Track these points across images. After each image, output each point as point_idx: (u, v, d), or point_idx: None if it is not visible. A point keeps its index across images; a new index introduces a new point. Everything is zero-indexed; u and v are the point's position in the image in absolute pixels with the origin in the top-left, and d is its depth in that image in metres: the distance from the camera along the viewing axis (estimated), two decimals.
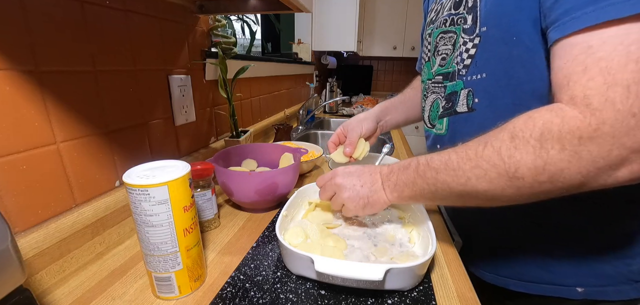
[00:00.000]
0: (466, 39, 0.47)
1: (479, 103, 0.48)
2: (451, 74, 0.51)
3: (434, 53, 0.55)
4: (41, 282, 0.41)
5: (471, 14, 0.46)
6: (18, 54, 0.38)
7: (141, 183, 0.34)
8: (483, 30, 0.44)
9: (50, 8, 0.42)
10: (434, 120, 0.57)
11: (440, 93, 0.55)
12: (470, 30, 0.46)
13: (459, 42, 0.48)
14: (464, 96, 0.49)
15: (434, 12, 0.58)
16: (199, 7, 0.71)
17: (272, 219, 0.61)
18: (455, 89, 0.50)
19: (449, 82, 0.51)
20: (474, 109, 0.48)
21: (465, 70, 0.48)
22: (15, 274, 0.26)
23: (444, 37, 0.53)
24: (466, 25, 0.47)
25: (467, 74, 0.48)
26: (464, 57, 0.48)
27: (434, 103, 0.57)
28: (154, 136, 0.63)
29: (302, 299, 0.40)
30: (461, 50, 0.48)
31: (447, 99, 0.52)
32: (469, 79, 0.48)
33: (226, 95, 0.81)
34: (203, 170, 0.53)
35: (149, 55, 0.60)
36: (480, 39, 0.45)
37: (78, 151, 0.47)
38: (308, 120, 1.49)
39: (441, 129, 0.55)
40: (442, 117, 0.54)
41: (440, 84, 0.55)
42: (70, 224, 0.44)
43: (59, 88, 0.43)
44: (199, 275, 0.42)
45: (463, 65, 0.48)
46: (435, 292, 0.42)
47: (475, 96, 0.48)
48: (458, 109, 0.51)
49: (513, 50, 0.42)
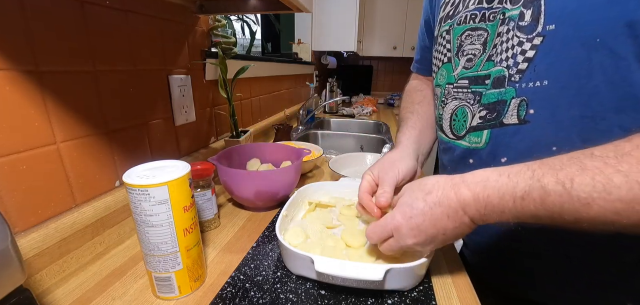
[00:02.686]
0: (522, 39, 0.40)
1: (535, 114, 0.41)
2: (496, 79, 0.44)
3: (458, 53, 0.49)
4: (41, 282, 0.41)
5: (530, 9, 0.39)
6: (18, 54, 0.38)
7: (141, 183, 0.34)
8: (550, 29, 0.38)
9: (50, 8, 0.42)
10: (461, 130, 0.49)
11: (466, 99, 0.48)
12: (528, 28, 0.39)
13: (504, 42, 0.42)
14: (515, 106, 0.42)
15: (450, 5, 0.51)
16: (199, 7, 0.71)
17: (272, 219, 0.61)
18: (503, 97, 0.43)
19: (493, 88, 0.44)
20: (527, 121, 0.41)
21: (519, 76, 0.41)
22: (15, 274, 0.26)
23: (472, 35, 0.46)
24: (522, 21, 0.40)
25: (522, 81, 0.41)
26: (519, 60, 0.41)
27: (459, 111, 0.50)
28: (154, 136, 0.63)
29: (302, 299, 0.40)
30: (514, 52, 0.41)
31: (490, 109, 0.45)
32: (524, 87, 0.41)
33: (226, 95, 0.81)
34: (203, 170, 0.53)
35: (149, 55, 0.60)
36: (543, 39, 0.38)
37: (78, 151, 0.47)
38: (308, 120, 1.49)
39: (478, 143, 0.47)
40: (481, 128, 0.46)
41: (466, 89, 0.48)
42: (70, 224, 0.44)
43: (59, 88, 0.43)
44: (199, 275, 0.42)
45: (516, 70, 0.41)
46: (435, 292, 0.42)
47: (531, 107, 0.41)
48: (505, 121, 0.43)
49: (593, 55, 0.36)
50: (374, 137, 1.35)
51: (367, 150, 1.33)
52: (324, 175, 0.88)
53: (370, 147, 1.33)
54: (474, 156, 0.48)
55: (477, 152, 0.47)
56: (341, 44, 1.97)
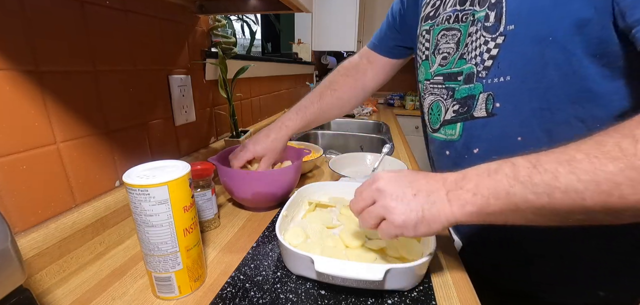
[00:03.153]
0: (487, 38, 0.43)
1: (501, 108, 0.44)
2: (467, 75, 0.47)
3: (434, 52, 0.52)
4: (41, 282, 0.41)
5: (494, 11, 0.42)
6: (18, 54, 0.38)
7: (141, 183, 0.34)
8: (510, 28, 0.41)
9: (50, 8, 0.42)
10: (435, 124, 0.54)
11: (440, 95, 0.52)
12: (492, 29, 0.42)
13: (473, 41, 0.45)
14: (483, 100, 0.45)
15: (431, 6, 0.54)
16: (199, 7, 0.71)
17: (272, 219, 0.61)
18: (473, 92, 0.47)
19: (464, 84, 0.48)
20: (494, 114, 0.45)
21: (485, 73, 0.44)
22: (15, 274, 0.26)
23: (446, 34, 0.49)
24: (487, 22, 0.43)
25: (488, 77, 0.44)
26: (485, 58, 0.44)
27: (433, 105, 0.54)
28: (154, 136, 0.63)
29: (302, 299, 0.40)
30: (481, 51, 0.44)
31: (462, 103, 0.48)
32: (490, 82, 0.44)
33: (226, 95, 0.81)
34: (203, 170, 0.53)
35: (149, 55, 0.60)
36: (505, 38, 0.41)
37: (78, 151, 0.47)
38: None
39: (453, 135, 0.51)
40: (455, 121, 0.50)
41: (441, 85, 0.51)
42: (70, 224, 0.44)
43: (59, 88, 0.43)
44: (199, 275, 0.42)
45: (483, 67, 0.44)
46: (435, 292, 0.42)
47: (496, 100, 0.44)
48: (475, 114, 0.47)
49: (546, 51, 0.39)
50: (374, 137, 1.35)
51: (367, 150, 1.33)
52: (324, 175, 0.88)
53: (370, 147, 1.33)
54: (449, 148, 0.52)
55: (453, 143, 0.51)
56: (341, 44, 1.97)
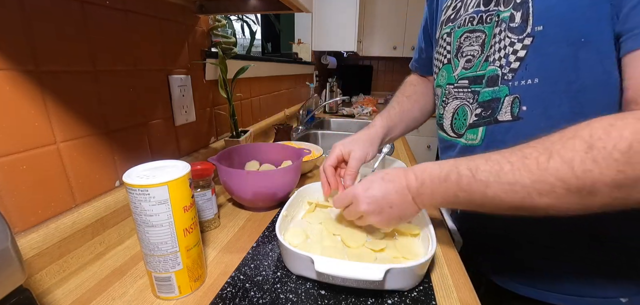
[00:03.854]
0: (513, 39, 0.42)
1: (527, 111, 0.43)
2: (489, 78, 0.46)
3: (457, 55, 0.51)
4: (41, 282, 0.41)
5: (520, 11, 0.41)
6: (18, 54, 0.38)
7: (141, 183, 0.34)
8: (538, 29, 0.40)
9: (50, 8, 0.42)
10: (461, 129, 0.52)
11: (466, 99, 0.50)
12: (519, 29, 0.41)
13: (497, 42, 0.44)
14: (509, 103, 0.44)
15: (452, 9, 0.53)
16: (199, 7, 0.71)
17: (272, 219, 0.61)
18: (497, 95, 0.45)
19: (487, 87, 0.46)
20: (520, 118, 0.43)
21: (511, 75, 0.43)
22: (15, 274, 0.26)
23: (470, 37, 0.48)
24: (513, 23, 0.42)
25: (515, 79, 0.43)
26: (511, 60, 0.43)
27: (459, 110, 0.52)
28: (154, 136, 0.63)
29: (302, 299, 0.40)
30: (507, 52, 0.43)
31: (485, 107, 0.47)
32: (517, 85, 0.43)
33: (226, 95, 0.81)
34: (203, 170, 0.53)
35: (149, 55, 0.60)
36: (533, 39, 0.40)
37: (78, 151, 0.47)
38: (308, 120, 1.49)
39: (474, 139, 0.49)
40: (476, 126, 0.49)
41: (466, 89, 0.50)
42: (70, 224, 0.44)
43: (59, 88, 0.43)
44: (199, 275, 0.42)
45: (509, 69, 0.43)
46: (435, 292, 0.42)
47: (523, 104, 0.43)
48: (499, 118, 0.45)
49: (579, 53, 0.37)
50: None
51: None
52: None
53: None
54: (470, 153, 0.50)
55: (473, 149, 0.50)
56: (341, 44, 1.97)
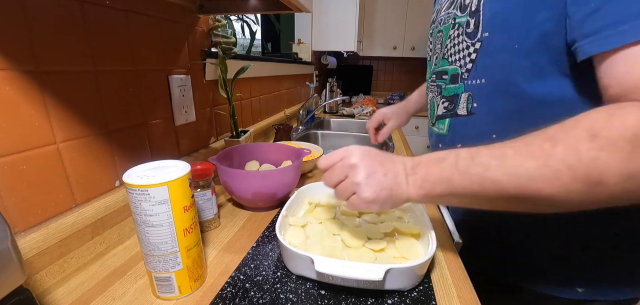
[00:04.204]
0: (469, 43, 0.47)
1: (478, 107, 0.48)
2: (452, 75, 0.51)
3: (433, 52, 0.57)
4: (41, 282, 0.41)
5: (474, 18, 0.45)
6: (18, 54, 0.38)
7: (141, 183, 0.34)
8: (485, 35, 0.44)
9: (50, 8, 0.42)
10: (433, 118, 0.58)
11: (434, 92, 0.57)
12: (472, 35, 0.46)
13: (457, 44, 0.49)
14: (465, 100, 0.50)
15: (436, 12, 0.59)
16: (199, 7, 0.71)
17: (272, 219, 0.61)
18: (457, 91, 0.51)
19: (451, 83, 0.52)
20: (473, 113, 0.49)
21: (467, 74, 0.49)
22: (15, 274, 0.26)
23: (438, 36, 0.54)
24: (469, 29, 0.47)
25: (469, 78, 0.48)
26: (467, 61, 0.48)
27: (432, 102, 0.59)
28: (154, 136, 0.63)
29: (302, 299, 0.40)
30: (464, 54, 0.48)
31: (450, 100, 0.53)
32: (470, 84, 0.48)
33: (226, 95, 0.81)
34: (203, 170, 0.53)
35: (149, 55, 0.60)
36: (481, 44, 0.45)
37: (78, 151, 0.47)
38: (308, 120, 1.49)
39: (443, 129, 0.56)
40: (444, 117, 0.55)
41: (433, 83, 0.57)
42: (70, 224, 0.44)
43: (59, 88, 0.43)
44: (199, 275, 0.42)
45: (465, 69, 0.49)
46: (435, 292, 0.42)
47: (474, 100, 0.49)
48: (459, 112, 0.51)
49: (514, 59, 0.42)
50: None
51: None
52: None
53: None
54: (441, 141, 0.57)
55: (443, 138, 0.56)
56: (341, 44, 1.97)
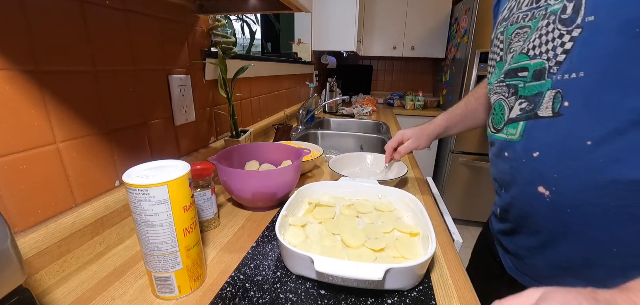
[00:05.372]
0: (563, 32, 0.40)
1: (570, 107, 0.40)
2: (536, 71, 0.44)
3: (507, 52, 0.50)
4: (41, 282, 0.41)
5: (573, 2, 0.39)
6: (18, 54, 0.38)
7: (141, 183, 0.34)
8: (589, 20, 0.38)
9: (50, 8, 0.42)
10: (500, 123, 0.50)
11: (502, 93, 0.50)
12: (569, 21, 0.39)
13: (545, 35, 0.42)
14: (550, 98, 0.42)
15: (508, 10, 0.52)
16: (199, 7, 0.71)
17: (272, 219, 0.61)
18: (540, 89, 0.43)
19: (534, 81, 0.44)
20: (561, 114, 0.41)
21: (557, 68, 0.41)
22: (15, 274, 0.26)
23: (520, 33, 0.47)
24: (564, 14, 0.40)
25: (559, 73, 0.41)
26: (558, 53, 0.41)
27: (496, 105, 0.51)
28: (154, 136, 0.63)
29: (302, 299, 0.40)
30: (555, 45, 0.41)
31: (530, 100, 0.45)
32: (560, 79, 0.41)
33: (226, 95, 0.81)
34: (203, 170, 0.53)
35: (149, 55, 0.60)
36: (582, 31, 0.38)
37: (78, 151, 0.47)
38: (308, 120, 1.49)
39: (514, 135, 0.47)
40: (517, 121, 0.47)
41: (502, 83, 0.50)
42: (70, 224, 0.44)
43: (59, 88, 0.43)
44: (199, 275, 0.42)
45: (555, 62, 0.41)
46: (435, 292, 0.42)
47: (566, 99, 0.40)
48: (540, 113, 0.43)
49: (632, 44, 0.35)
50: (374, 137, 1.35)
51: (367, 150, 1.33)
52: (324, 175, 0.88)
53: (370, 147, 1.33)
54: (508, 149, 0.49)
55: (512, 145, 0.48)
56: (341, 44, 1.97)
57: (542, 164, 0.40)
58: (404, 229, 0.52)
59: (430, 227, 0.47)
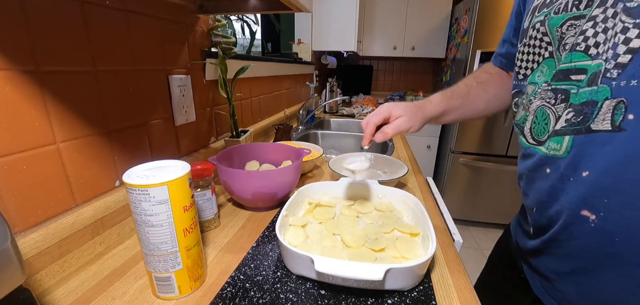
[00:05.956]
0: (628, 24, 0.32)
1: (635, 121, 0.32)
2: (593, 74, 0.36)
3: (559, 48, 0.41)
4: (41, 282, 0.41)
5: None
6: (18, 54, 0.38)
7: (141, 183, 0.34)
8: None
9: (50, 8, 0.42)
10: (541, 135, 0.43)
11: (546, 98, 0.42)
12: (638, 11, 0.31)
13: (607, 29, 0.35)
14: (609, 108, 0.34)
15: None
16: (199, 7, 0.71)
17: (272, 219, 0.61)
18: (594, 97, 0.35)
19: (588, 86, 0.36)
20: (623, 129, 0.33)
21: (617, 72, 0.33)
22: (15, 274, 0.26)
23: (575, 24, 0.38)
24: (631, 2, 0.32)
25: (621, 77, 0.33)
26: (619, 52, 0.33)
27: (538, 112, 0.43)
28: (154, 136, 0.63)
29: (302, 299, 0.40)
30: (616, 42, 0.33)
31: (578, 111, 0.37)
32: (623, 85, 0.33)
33: (226, 95, 0.81)
34: (203, 170, 0.53)
35: (149, 55, 0.60)
36: None
37: (78, 151, 0.47)
38: (308, 120, 1.49)
39: (558, 150, 0.40)
40: (562, 134, 0.39)
41: (549, 88, 0.42)
42: (70, 224, 0.44)
43: (59, 88, 0.43)
44: (199, 275, 0.42)
45: (615, 63, 0.33)
46: (435, 292, 0.42)
47: (630, 111, 0.33)
48: (593, 126, 0.36)
49: None
50: None
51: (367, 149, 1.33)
52: (324, 175, 0.88)
53: (370, 147, 1.33)
54: (551, 165, 0.41)
55: (555, 161, 0.41)
56: (341, 44, 1.97)
57: (592, 186, 0.35)
58: (404, 229, 0.52)
59: (430, 227, 0.47)
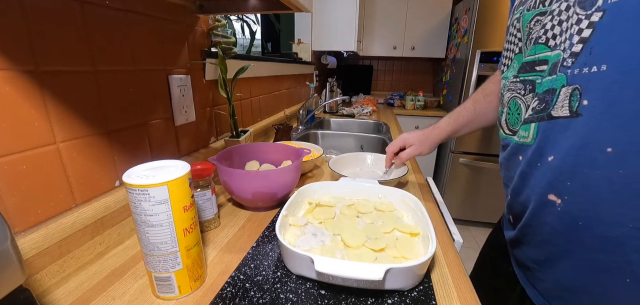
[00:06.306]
0: (581, 16, 0.34)
1: (589, 106, 0.34)
2: (553, 64, 0.38)
3: (527, 42, 0.43)
4: (41, 282, 0.41)
5: None
6: (18, 54, 0.38)
7: (141, 183, 0.34)
8: (611, 1, 0.32)
9: (50, 8, 0.42)
10: (515, 125, 0.45)
11: (516, 90, 0.45)
12: (589, 3, 0.33)
13: (564, 21, 0.37)
14: (566, 95, 0.36)
15: None
16: (199, 7, 0.71)
17: (272, 219, 0.61)
18: (553, 85, 0.37)
19: (549, 75, 0.38)
20: (580, 114, 0.35)
21: (572, 61, 0.35)
22: (15, 274, 0.26)
23: (540, 20, 0.41)
24: None
25: (575, 66, 0.35)
26: (574, 41, 0.35)
27: (511, 103, 0.45)
28: (154, 136, 0.63)
29: (302, 299, 0.40)
30: (571, 33, 0.35)
31: (541, 99, 0.39)
32: (577, 73, 0.35)
33: (226, 95, 0.81)
34: (203, 170, 0.53)
35: (149, 55, 0.60)
36: (603, 14, 0.32)
37: (78, 151, 0.47)
38: (308, 120, 1.49)
39: (526, 138, 0.42)
40: (529, 122, 0.41)
41: (517, 79, 0.45)
42: (70, 224, 0.44)
43: (59, 88, 0.43)
44: (199, 275, 0.42)
45: (570, 52, 0.35)
46: (435, 292, 0.42)
47: (584, 96, 0.34)
48: (554, 113, 0.38)
49: None
50: (374, 136, 1.35)
51: (367, 150, 1.33)
52: (324, 175, 0.88)
53: (370, 147, 1.33)
54: (522, 154, 0.44)
55: (525, 148, 0.43)
56: (341, 44, 1.97)
57: (556, 170, 0.36)
58: (404, 229, 0.52)
59: (430, 226, 0.47)
